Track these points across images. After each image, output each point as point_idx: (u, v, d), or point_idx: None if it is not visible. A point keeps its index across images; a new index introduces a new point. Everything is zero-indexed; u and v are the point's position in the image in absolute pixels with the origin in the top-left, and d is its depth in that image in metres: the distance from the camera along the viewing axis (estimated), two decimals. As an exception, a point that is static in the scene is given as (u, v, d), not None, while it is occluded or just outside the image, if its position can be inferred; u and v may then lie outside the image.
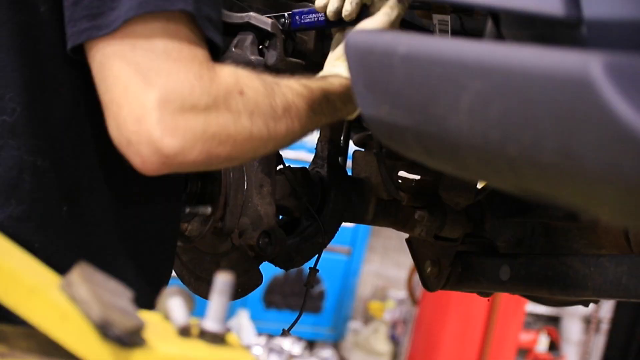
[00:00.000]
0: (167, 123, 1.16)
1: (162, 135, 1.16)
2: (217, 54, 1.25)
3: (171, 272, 1.49)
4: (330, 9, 1.48)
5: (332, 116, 1.38)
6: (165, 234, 1.47)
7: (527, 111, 0.80)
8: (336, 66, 1.44)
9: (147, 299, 1.20)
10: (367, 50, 1.03)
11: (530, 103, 0.80)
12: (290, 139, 1.32)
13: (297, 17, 1.54)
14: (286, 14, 1.55)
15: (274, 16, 1.56)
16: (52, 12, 1.26)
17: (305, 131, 1.34)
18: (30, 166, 1.28)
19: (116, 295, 0.96)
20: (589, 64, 0.74)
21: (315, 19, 1.52)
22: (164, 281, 1.48)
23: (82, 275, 0.93)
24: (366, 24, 1.42)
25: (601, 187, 0.75)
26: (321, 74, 1.44)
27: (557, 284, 1.75)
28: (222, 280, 0.94)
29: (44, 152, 1.29)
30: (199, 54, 1.20)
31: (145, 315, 0.93)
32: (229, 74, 1.22)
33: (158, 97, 1.16)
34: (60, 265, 1.26)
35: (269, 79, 1.28)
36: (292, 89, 1.31)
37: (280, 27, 1.53)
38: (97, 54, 1.20)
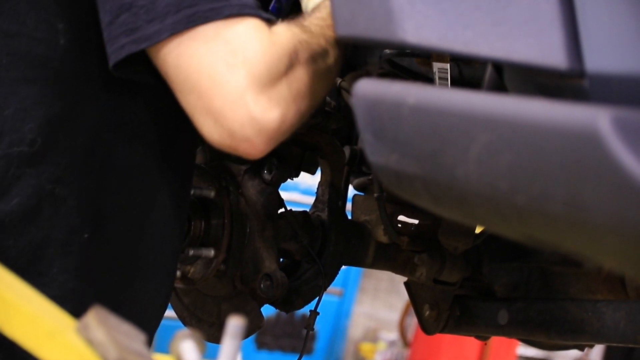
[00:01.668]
0: (262, 99, 1.20)
1: (263, 113, 1.20)
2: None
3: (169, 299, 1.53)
4: None
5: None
6: (171, 257, 1.51)
7: (536, 162, 0.83)
8: None
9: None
10: (376, 100, 1.06)
11: (539, 155, 0.82)
12: (338, 65, 1.37)
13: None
14: None
15: None
16: (71, 44, 1.29)
17: (339, 55, 1.37)
18: (49, 194, 1.30)
19: (130, 338, 0.98)
20: (597, 118, 0.77)
21: None
22: (168, 297, 1.52)
23: (98, 318, 0.95)
24: None
25: (607, 237, 0.77)
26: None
27: (554, 329, 1.77)
28: (234, 324, 0.96)
29: (63, 180, 1.31)
30: (256, 23, 1.23)
31: (159, 358, 0.95)
32: (284, 30, 1.27)
33: (245, 76, 1.19)
34: (76, 291, 1.29)
35: (302, 24, 1.32)
36: (319, 22, 1.34)
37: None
38: (161, 59, 1.23)
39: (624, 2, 0.99)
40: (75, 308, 1.22)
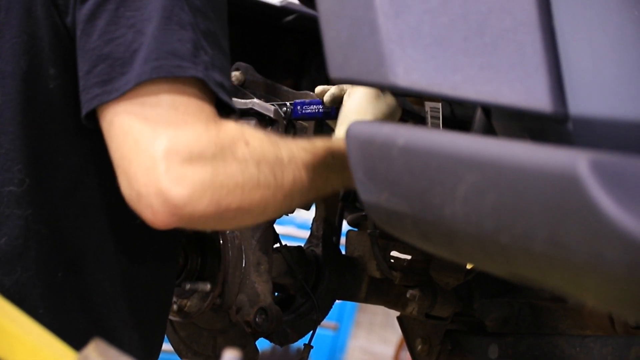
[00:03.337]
0: (174, 172, 1.17)
1: (170, 185, 1.17)
2: (229, 117, 1.28)
3: (164, 337, 1.53)
4: (327, 98, 1.55)
5: (341, 172, 1.37)
6: (164, 298, 1.51)
7: (519, 203, 0.86)
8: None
9: None
10: (367, 141, 1.09)
11: (522, 196, 0.85)
12: (300, 191, 1.32)
13: (298, 107, 1.60)
14: (288, 103, 1.62)
15: (277, 104, 1.62)
16: (59, 89, 1.31)
17: (314, 184, 1.34)
18: (35, 234, 1.32)
19: (129, 370, 1.00)
20: (576, 162, 0.80)
21: (316, 110, 1.59)
22: (158, 347, 1.51)
23: (98, 351, 0.98)
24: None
25: (587, 275, 0.80)
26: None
27: (544, 363, 1.79)
28: (230, 357, 0.98)
29: (46, 220, 1.32)
30: (206, 109, 1.23)
31: (157, 390, 0.98)
32: (234, 126, 1.25)
33: (166, 147, 1.17)
34: (63, 330, 1.30)
35: (273, 135, 1.31)
36: (296, 143, 1.33)
37: (282, 115, 1.59)
38: (107, 115, 1.23)
39: (606, 49, 1.02)
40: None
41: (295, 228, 5.03)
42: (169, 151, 1.17)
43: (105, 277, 1.39)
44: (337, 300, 1.93)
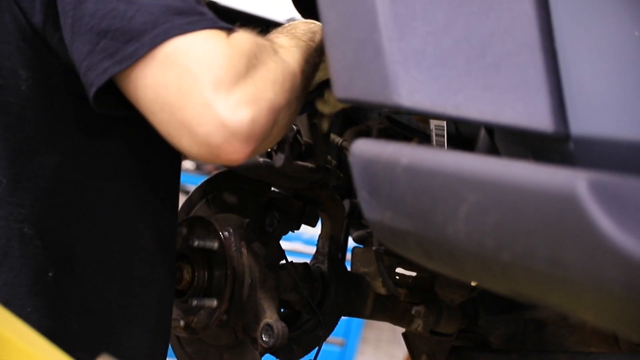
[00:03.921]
0: (230, 101, 1.19)
1: (233, 113, 1.18)
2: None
3: (168, 336, 1.53)
4: None
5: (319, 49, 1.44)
6: (163, 294, 1.51)
7: (520, 222, 0.87)
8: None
9: None
10: (371, 160, 1.10)
11: (523, 215, 0.87)
12: (307, 70, 1.37)
13: None
14: None
15: None
16: (32, 89, 1.32)
17: (311, 62, 1.39)
18: (17, 234, 1.33)
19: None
20: (575, 182, 0.81)
21: None
22: (162, 345, 1.52)
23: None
24: None
25: (585, 294, 0.82)
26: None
27: (548, 380, 1.80)
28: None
29: (29, 220, 1.34)
30: (214, 32, 1.24)
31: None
32: (241, 35, 1.27)
33: (209, 81, 1.19)
34: (53, 329, 1.31)
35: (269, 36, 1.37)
36: (278, 32, 1.38)
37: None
38: (129, 83, 1.23)
39: (607, 70, 1.04)
40: (57, 345, 1.24)
41: (302, 244, 5.03)
42: (214, 84, 1.19)
43: (99, 275, 1.41)
44: (343, 317, 1.94)
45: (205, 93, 1.18)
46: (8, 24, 1.32)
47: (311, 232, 2.00)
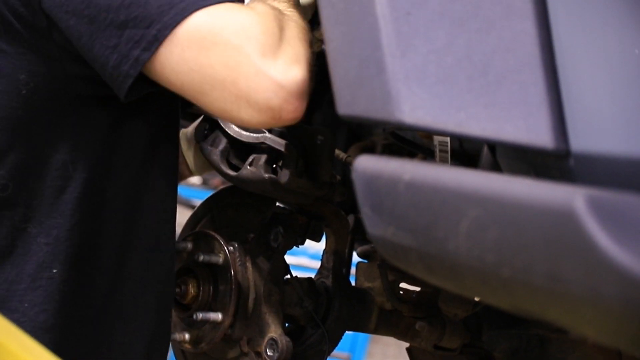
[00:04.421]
0: (279, 62, 1.24)
1: (285, 73, 1.24)
2: None
3: (168, 335, 1.55)
4: None
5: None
6: (164, 292, 1.54)
7: (519, 238, 0.88)
8: None
9: None
10: (374, 176, 1.11)
11: (522, 231, 0.88)
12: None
13: None
14: None
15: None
16: (32, 93, 1.34)
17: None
18: (22, 233, 1.36)
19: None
20: (573, 199, 0.82)
21: None
22: (162, 345, 1.54)
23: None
24: None
25: (584, 309, 0.83)
26: None
27: (551, 395, 1.80)
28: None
29: (34, 219, 1.37)
30: (234, 5, 1.28)
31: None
32: (256, 3, 1.32)
33: (254, 49, 1.23)
34: (48, 323, 1.33)
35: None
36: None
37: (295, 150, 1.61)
38: (164, 68, 1.26)
39: (607, 87, 1.05)
40: (51, 340, 1.26)
41: (308, 259, 5.04)
42: (259, 51, 1.23)
43: (94, 272, 1.43)
44: (347, 331, 1.95)
45: (254, 61, 1.22)
46: (4, 32, 1.34)
47: (317, 247, 2.00)
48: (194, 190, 5.75)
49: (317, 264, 2.00)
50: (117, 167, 1.44)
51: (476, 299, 1.92)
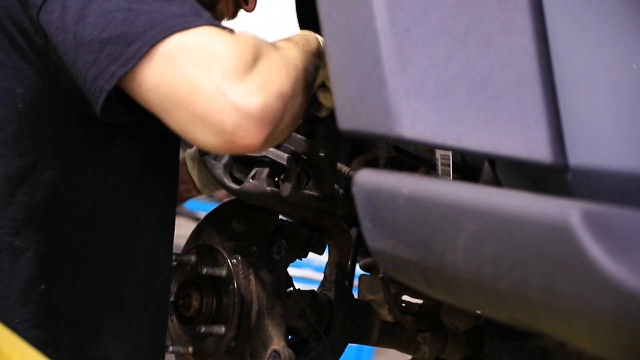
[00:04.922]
0: (241, 88, 1.21)
1: (244, 98, 1.21)
2: None
3: (164, 344, 1.55)
4: None
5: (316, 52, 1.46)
6: (157, 307, 1.54)
7: (516, 251, 0.89)
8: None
9: None
10: (374, 190, 1.12)
11: (519, 244, 0.88)
12: (308, 67, 1.38)
13: None
14: None
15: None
16: (28, 108, 1.35)
17: (310, 61, 1.41)
18: (9, 246, 1.36)
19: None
20: (568, 213, 0.83)
21: None
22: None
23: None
24: None
25: (579, 322, 0.83)
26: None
27: (553, 407, 1.80)
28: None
29: (22, 234, 1.37)
30: (215, 29, 1.27)
31: None
32: (243, 32, 1.30)
33: (218, 72, 1.21)
34: (39, 339, 1.33)
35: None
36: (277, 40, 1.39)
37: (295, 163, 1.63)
38: (135, 85, 1.25)
39: (605, 102, 1.06)
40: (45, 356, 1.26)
41: (313, 271, 5.04)
42: (223, 73, 1.21)
43: (89, 289, 1.43)
44: (350, 344, 1.96)
45: (216, 82, 1.20)
46: (6, 44, 1.35)
47: (321, 260, 2.01)
48: (198, 202, 5.75)
49: (322, 277, 2.01)
50: (110, 187, 1.45)
51: (478, 311, 1.93)
